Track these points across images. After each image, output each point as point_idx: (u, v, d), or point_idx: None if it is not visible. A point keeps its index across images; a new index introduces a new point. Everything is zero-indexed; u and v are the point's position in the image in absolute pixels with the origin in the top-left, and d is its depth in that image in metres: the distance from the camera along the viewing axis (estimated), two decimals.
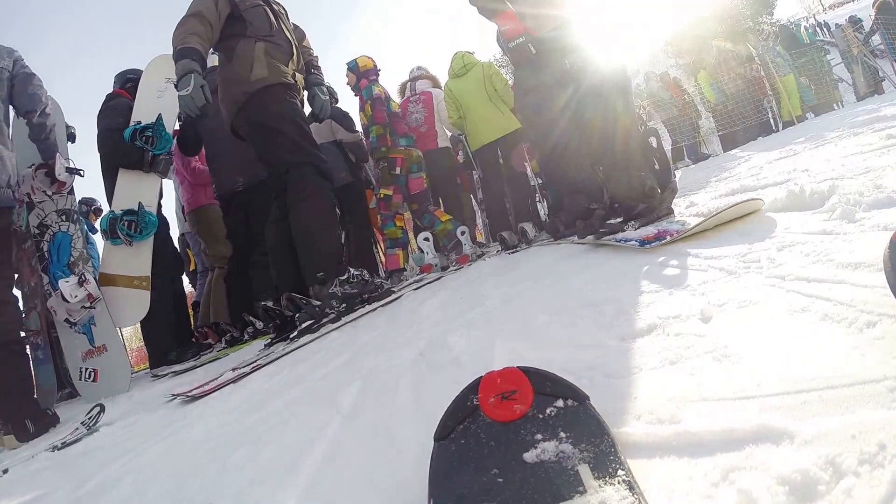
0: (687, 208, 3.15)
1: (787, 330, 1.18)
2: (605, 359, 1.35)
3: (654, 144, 3.04)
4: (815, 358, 1.02)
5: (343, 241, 4.77)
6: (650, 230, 2.57)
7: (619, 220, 2.95)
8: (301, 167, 3.66)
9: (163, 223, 5.29)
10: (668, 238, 2.32)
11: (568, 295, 2.10)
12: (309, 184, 3.66)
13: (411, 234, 6.78)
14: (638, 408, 1.06)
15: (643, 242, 2.43)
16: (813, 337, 1.11)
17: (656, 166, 3.01)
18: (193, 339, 5.69)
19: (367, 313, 3.39)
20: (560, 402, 0.99)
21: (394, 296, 3.65)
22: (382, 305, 3.48)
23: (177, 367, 4.57)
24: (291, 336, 3.11)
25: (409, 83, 6.73)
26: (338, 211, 3.89)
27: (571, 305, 1.90)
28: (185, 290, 6.19)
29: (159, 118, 5.04)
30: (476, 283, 3.21)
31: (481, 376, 1.06)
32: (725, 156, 9.19)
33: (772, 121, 11.61)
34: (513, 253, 4.29)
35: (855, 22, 12.88)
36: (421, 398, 1.57)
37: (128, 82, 5.53)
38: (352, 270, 3.56)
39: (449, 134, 6.69)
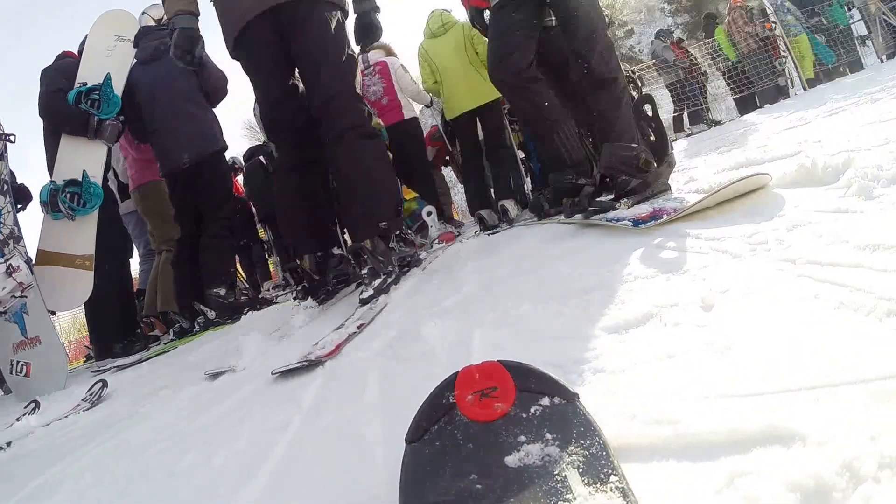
0: (686, 184, 3.19)
1: (798, 320, 1.17)
2: (596, 352, 1.34)
3: (650, 113, 3.03)
4: (830, 351, 1.01)
5: None
6: (644, 208, 2.55)
7: (610, 197, 2.91)
8: (350, 97, 3.32)
9: (109, 199, 5.22)
10: (665, 217, 2.31)
11: (553, 281, 2.09)
12: (362, 115, 3.35)
13: None
14: (632, 406, 1.04)
15: (637, 222, 2.41)
16: (827, 327, 1.10)
17: (651, 137, 3.02)
18: (138, 331, 5.61)
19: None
20: (546, 401, 0.97)
21: (426, 262, 3.49)
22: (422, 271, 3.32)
23: (121, 362, 4.50)
24: (364, 297, 2.82)
25: (359, 55, 6.58)
26: None
27: (557, 293, 1.89)
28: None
29: (107, 78, 4.95)
30: (452, 267, 3.18)
31: (458, 371, 1.03)
32: (735, 123, 9.29)
33: (788, 83, 11.69)
34: (493, 234, 4.26)
35: None
36: (390, 396, 1.56)
37: (81, 46, 5.42)
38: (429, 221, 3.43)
39: (417, 106, 6.72)
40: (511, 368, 1.01)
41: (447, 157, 7.91)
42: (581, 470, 0.85)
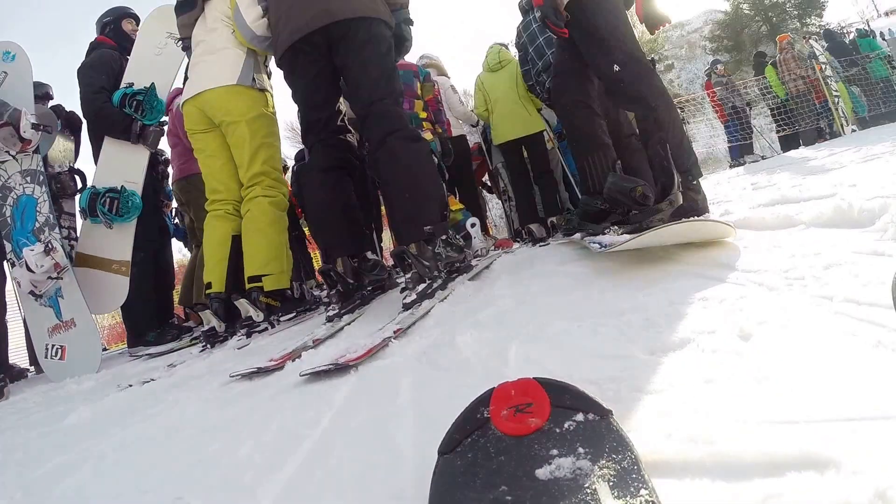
0: (721, 216, 3.15)
1: (836, 355, 1.17)
2: (633, 371, 1.35)
3: (662, 151, 3.08)
4: (868, 386, 1.02)
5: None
6: (620, 240, 2.56)
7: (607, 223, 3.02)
8: (393, 103, 3.32)
9: (153, 190, 5.29)
10: (623, 244, 2.39)
11: (588, 300, 2.11)
12: (404, 120, 3.34)
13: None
14: (668, 425, 1.05)
15: (603, 246, 2.54)
16: (864, 364, 1.10)
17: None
18: (173, 320, 5.64)
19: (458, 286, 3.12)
20: (580, 416, 0.97)
21: (476, 269, 3.43)
22: (471, 279, 3.26)
23: (153, 350, 4.55)
24: (407, 302, 2.75)
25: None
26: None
27: (593, 312, 1.91)
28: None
29: (152, 87, 4.97)
30: (487, 281, 3.18)
31: (493, 387, 1.04)
32: (780, 157, 9.33)
33: (826, 127, 11.88)
34: (542, 246, 4.35)
35: None
36: (424, 402, 1.55)
37: (106, 27, 5.43)
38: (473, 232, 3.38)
39: (465, 126, 7.01)
40: (547, 385, 1.02)
41: (486, 174, 8.11)
42: (612, 483, 0.84)
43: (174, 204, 6.38)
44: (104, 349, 5.59)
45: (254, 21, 3.67)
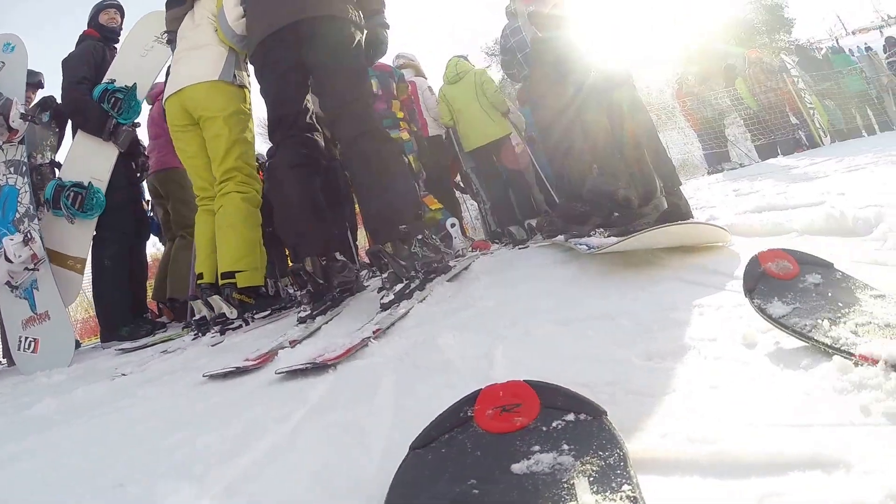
0: (707, 220, 3.13)
1: (847, 364, 1.11)
2: (629, 375, 1.29)
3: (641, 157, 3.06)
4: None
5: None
6: (608, 242, 2.52)
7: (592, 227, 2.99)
8: (364, 104, 3.31)
9: (131, 182, 5.23)
10: (610, 246, 2.33)
11: (575, 303, 2.05)
12: (375, 120, 3.36)
13: None
14: (666, 425, 1.01)
15: (590, 248, 2.50)
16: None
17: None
18: (146, 315, 5.53)
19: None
20: (571, 416, 0.95)
21: (455, 270, 3.30)
22: (450, 280, 3.14)
23: (126, 345, 4.41)
24: (385, 302, 2.68)
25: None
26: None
27: (580, 315, 1.85)
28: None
29: (133, 87, 4.91)
30: (466, 282, 3.09)
31: (481, 388, 1.02)
32: (761, 165, 9.37)
33: (803, 138, 12.05)
34: (522, 248, 4.26)
35: (889, 42, 13.18)
36: (403, 402, 1.49)
37: (91, 20, 5.34)
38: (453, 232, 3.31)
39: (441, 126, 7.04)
40: (537, 387, 1.00)
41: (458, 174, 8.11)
42: (592, 479, 0.83)
43: (147, 196, 6.25)
44: (77, 344, 5.44)
45: (235, 20, 3.67)
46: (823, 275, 1.43)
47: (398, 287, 2.79)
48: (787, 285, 1.40)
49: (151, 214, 6.48)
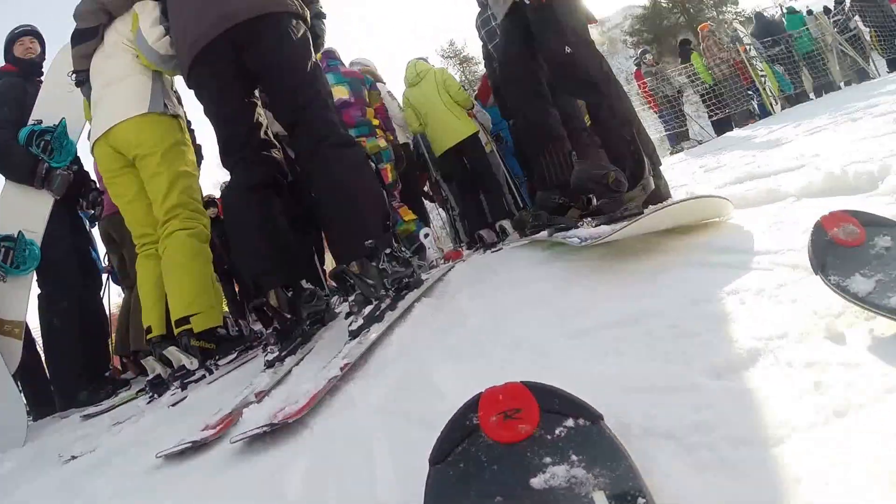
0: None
1: None
2: (714, 407, 1.01)
3: (628, 136, 2.91)
4: None
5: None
6: (605, 230, 2.31)
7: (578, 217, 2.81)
8: (321, 107, 2.99)
9: (75, 229, 4.86)
10: (610, 235, 2.07)
11: (581, 308, 1.76)
12: (335, 124, 3.00)
13: None
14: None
15: (584, 240, 2.26)
16: None
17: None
18: (108, 373, 5.13)
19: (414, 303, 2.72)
20: (570, 422, 0.95)
21: (428, 283, 3.02)
22: (427, 295, 2.85)
23: (91, 410, 4.00)
24: (353, 329, 2.39)
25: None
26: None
27: (595, 323, 1.57)
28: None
29: (62, 123, 4.52)
30: (447, 293, 2.84)
31: (480, 392, 1.01)
32: (720, 139, 9.34)
33: (755, 107, 12.22)
34: (495, 251, 4.05)
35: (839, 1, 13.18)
36: (410, 483, 1.10)
37: (6, 53, 4.91)
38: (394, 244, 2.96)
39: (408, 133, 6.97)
40: (535, 389, 1.00)
41: (426, 184, 8.03)
42: (608, 492, 0.83)
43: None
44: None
45: (156, 41, 3.37)
46: (892, 235, 1.22)
47: (367, 310, 2.52)
48: (858, 254, 1.20)
49: (107, 263, 6.12)
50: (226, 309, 5.52)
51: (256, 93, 3.20)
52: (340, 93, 5.65)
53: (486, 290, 2.57)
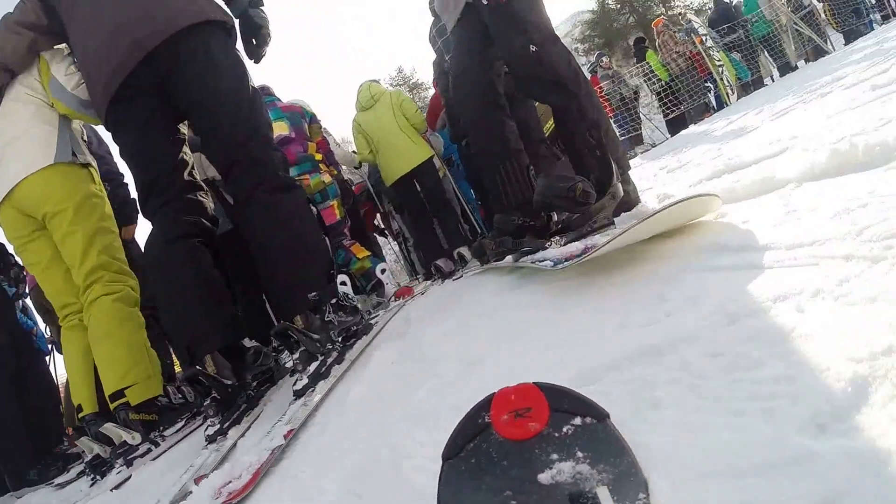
0: (661, 202, 2.72)
1: None
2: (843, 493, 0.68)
3: (593, 140, 2.70)
4: None
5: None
6: (577, 246, 2.10)
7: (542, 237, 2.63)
8: (261, 145, 2.72)
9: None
10: (590, 253, 1.82)
11: (577, 341, 1.42)
12: (273, 165, 2.72)
13: None
14: None
15: (557, 262, 2.01)
16: None
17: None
18: (63, 446, 4.75)
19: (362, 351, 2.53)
20: (578, 420, 0.94)
21: (380, 326, 2.89)
22: (385, 341, 2.63)
23: (28, 493, 3.83)
24: (298, 388, 2.20)
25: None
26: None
27: (602, 360, 1.22)
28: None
29: None
30: (408, 334, 2.50)
31: (494, 393, 0.99)
32: (677, 138, 9.12)
33: (712, 100, 12.16)
34: (455, 280, 3.75)
35: None
36: None
37: None
38: (342, 290, 2.78)
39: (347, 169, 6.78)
40: (546, 389, 0.98)
41: (378, 219, 7.98)
42: (611, 487, 0.85)
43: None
44: None
45: (76, 87, 3.06)
46: None
47: (313, 366, 2.31)
48: None
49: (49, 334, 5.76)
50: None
51: (182, 128, 2.86)
52: (280, 129, 5.41)
53: (454, 328, 2.22)
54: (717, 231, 1.76)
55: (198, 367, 2.51)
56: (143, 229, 3.25)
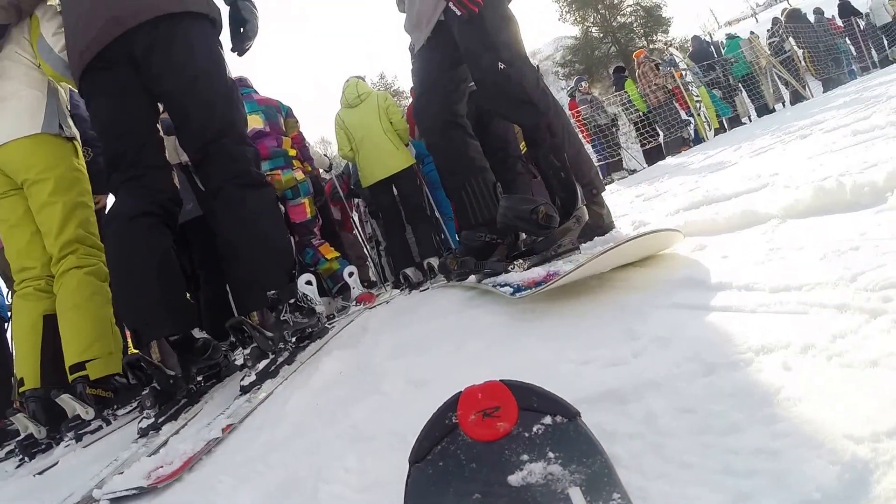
0: (635, 229, 2.70)
1: None
2: None
3: (557, 162, 2.59)
4: None
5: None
6: (538, 272, 2.04)
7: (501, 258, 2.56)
8: (235, 140, 2.68)
9: None
10: (551, 282, 1.77)
11: (531, 374, 1.17)
12: (244, 160, 2.68)
13: None
14: None
15: (518, 289, 1.96)
16: None
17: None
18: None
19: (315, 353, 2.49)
20: (548, 419, 0.92)
21: (334, 332, 2.82)
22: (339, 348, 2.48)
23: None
24: (245, 384, 2.17)
25: None
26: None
27: (584, 394, 1.09)
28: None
29: None
30: (361, 348, 2.33)
31: (460, 391, 0.96)
32: (655, 168, 9.06)
33: (691, 133, 12.20)
34: (422, 291, 3.66)
35: (775, 22, 13.50)
36: None
37: None
38: (307, 290, 2.78)
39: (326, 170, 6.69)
40: (513, 387, 0.96)
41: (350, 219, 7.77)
42: (584, 487, 0.83)
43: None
44: None
45: (62, 50, 2.97)
46: None
47: (262, 364, 2.28)
48: None
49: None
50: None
51: (158, 107, 2.79)
52: (255, 122, 5.23)
53: (411, 342, 2.09)
54: (693, 264, 1.67)
55: (140, 352, 2.47)
56: None
